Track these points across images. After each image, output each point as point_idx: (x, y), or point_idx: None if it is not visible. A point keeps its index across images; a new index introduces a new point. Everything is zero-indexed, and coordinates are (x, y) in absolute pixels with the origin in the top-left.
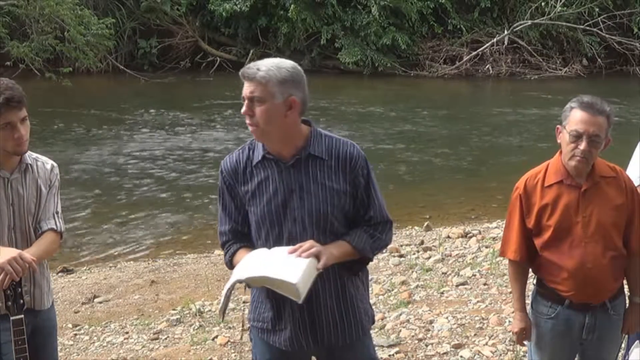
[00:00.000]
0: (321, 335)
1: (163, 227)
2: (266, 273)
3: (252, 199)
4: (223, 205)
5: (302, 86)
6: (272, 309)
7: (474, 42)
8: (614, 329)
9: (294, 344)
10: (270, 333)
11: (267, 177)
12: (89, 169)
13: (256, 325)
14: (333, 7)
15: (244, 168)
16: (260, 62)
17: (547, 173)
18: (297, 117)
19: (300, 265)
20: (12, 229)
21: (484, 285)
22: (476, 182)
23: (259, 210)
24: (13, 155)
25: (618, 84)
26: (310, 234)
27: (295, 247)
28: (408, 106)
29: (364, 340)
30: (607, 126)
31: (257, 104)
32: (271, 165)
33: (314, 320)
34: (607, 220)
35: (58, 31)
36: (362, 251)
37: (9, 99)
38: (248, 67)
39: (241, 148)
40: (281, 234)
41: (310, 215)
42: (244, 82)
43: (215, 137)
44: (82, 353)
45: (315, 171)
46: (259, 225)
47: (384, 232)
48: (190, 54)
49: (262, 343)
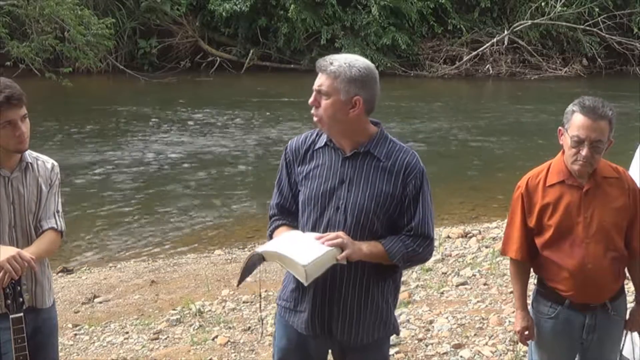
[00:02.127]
0: (335, 327)
1: (163, 227)
2: (280, 250)
3: (304, 180)
4: (279, 180)
5: (371, 87)
6: (296, 290)
7: (474, 42)
8: (615, 330)
9: (308, 328)
10: (291, 313)
11: (323, 163)
12: (89, 168)
13: (281, 303)
14: (333, 7)
15: (306, 150)
16: (335, 56)
17: (549, 172)
18: (361, 116)
19: (317, 251)
20: (13, 228)
21: (484, 285)
22: (476, 182)
23: (308, 191)
24: (14, 153)
25: (618, 84)
26: (349, 226)
27: (322, 235)
28: (408, 106)
29: (380, 347)
30: (609, 130)
31: (324, 97)
32: (329, 153)
33: (330, 310)
34: (609, 220)
35: (58, 31)
36: (393, 257)
37: (9, 96)
38: (323, 59)
39: (312, 131)
40: (321, 219)
41: (353, 208)
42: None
43: (215, 138)
44: (82, 353)
45: (369, 168)
46: (304, 206)
47: (421, 246)
48: (190, 54)
49: (282, 327)
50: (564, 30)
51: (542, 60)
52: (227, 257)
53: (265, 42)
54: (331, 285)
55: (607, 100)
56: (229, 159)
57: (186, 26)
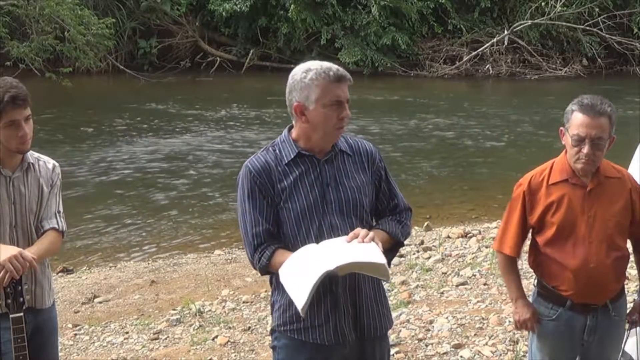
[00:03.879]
0: (363, 324)
1: (163, 227)
2: (354, 259)
3: (289, 195)
4: (254, 206)
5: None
6: (311, 307)
7: (474, 42)
8: (615, 331)
9: (337, 336)
10: (307, 331)
11: (302, 173)
12: (89, 169)
13: (287, 328)
14: (333, 7)
15: (275, 166)
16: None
17: (552, 171)
18: None
19: (374, 248)
20: (14, 228)
21: (484, 285)
22: (476, 182)
23: (298, 205)
24: (16, 153)
25: (618, 84)
26: (350, 223)
27: (355, 235)
28: (408, 106)
29: (387, 334)
30: (610, 126)
31: (347, 105)
32: (305, 162)
33: (357, 310)
34: (612, 220)
35: (58, 31)
36: (396, 236)
37: (14, 97)
38: (339, 69)
39: (264, 149)
40: (322, 227)
41: (348, 205)
42: (338, 84)
43: (215, 138)
44: (82, 353)
45: (345, 166)
46: (298, 221)
47: (408, 219)
48: (190, 54)
49: (293, 348)
50: (564, 30)
51: (542, 60)
52: (227, 257)
53: (265, 42)
54: (350, 285)
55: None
56: (229, 158)
57: (186, 26)
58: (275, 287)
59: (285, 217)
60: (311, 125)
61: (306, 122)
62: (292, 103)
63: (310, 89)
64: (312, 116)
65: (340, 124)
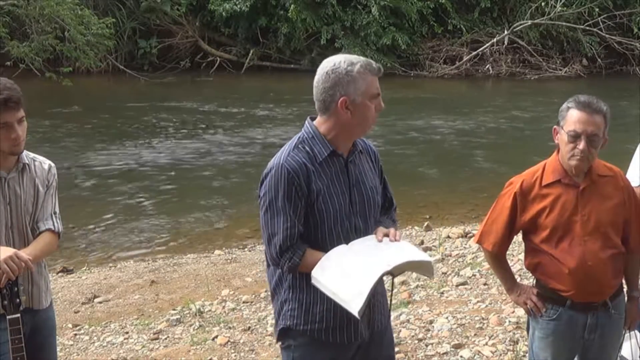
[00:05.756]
0: (374, 320)
1: (163, 227)
2: (408, 258)
3: (324, 195)
4: (290, 207)
5: None
6: (331, 307)
7: (474, 42)
8: (615, 328)
9: (357, 335)
10: (329, 331)
11: (334, 173)
12: (89, 169)
13: (309, 327)
14: (333, 7)
15: (311, 165)
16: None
17: (544, 172)
18: None
19: (412, 247)
20: (10, 229)
21: (484, 285)
22: (476, 182)
23: (331, 207)
24: (9, 155)
25: (618, 84)
26: (371, 224)
27: (386, 234)
28: (408, 106)
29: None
30: (605, 125)
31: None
32: (334, 162)
33: (371, 308)
34: (606, 218)
35: (58, 31)
36: None
37: (7, 99)
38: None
39: (294, 147)
40: (352, 227)
41: (369, 206)
42: (376, 77)
43: (215, 138)
44: (82, 353)
45: (364, 165)
46: (330, 222)
47: (395, 212)
48: (190, 54)
49: (312, 347)
50: (564, 30)
51: (542, 60)
52: (227, 257)
53: (265, 42)
54: None
55: (606, 100)
56: (229, 158)
57: (186, 26)
58: (290, 285)
59: (317, 218)
60: (356, 119)
61: (351, 116)
62: (336, 98)
63: (357, 82)
64: (359, 110)
65: (375, 118)
